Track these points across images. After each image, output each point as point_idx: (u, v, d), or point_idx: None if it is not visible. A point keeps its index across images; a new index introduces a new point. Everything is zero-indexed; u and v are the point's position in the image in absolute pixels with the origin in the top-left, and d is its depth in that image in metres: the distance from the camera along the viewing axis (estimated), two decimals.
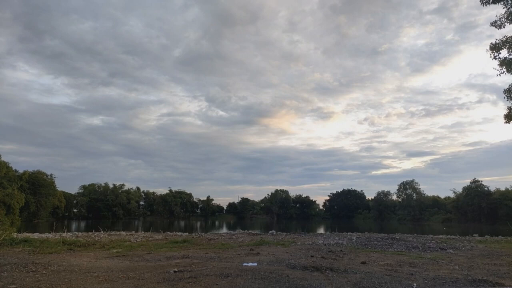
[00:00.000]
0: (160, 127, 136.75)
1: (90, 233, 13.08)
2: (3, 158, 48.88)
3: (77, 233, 14.05)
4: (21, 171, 57.40)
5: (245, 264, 5.17)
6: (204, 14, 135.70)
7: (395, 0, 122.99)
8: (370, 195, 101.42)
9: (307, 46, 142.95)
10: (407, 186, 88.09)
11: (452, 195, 77.83)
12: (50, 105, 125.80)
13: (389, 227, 39.11)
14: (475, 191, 70.23)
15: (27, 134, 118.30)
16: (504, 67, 12.86)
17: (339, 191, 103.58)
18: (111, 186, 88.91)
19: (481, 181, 72.59)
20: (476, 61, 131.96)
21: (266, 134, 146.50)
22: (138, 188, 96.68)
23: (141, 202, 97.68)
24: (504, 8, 12.74)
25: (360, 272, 4.63)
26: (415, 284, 3.88)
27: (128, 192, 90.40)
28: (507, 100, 13.43)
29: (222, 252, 6.91)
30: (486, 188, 71.11)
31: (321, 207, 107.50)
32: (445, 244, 8.75)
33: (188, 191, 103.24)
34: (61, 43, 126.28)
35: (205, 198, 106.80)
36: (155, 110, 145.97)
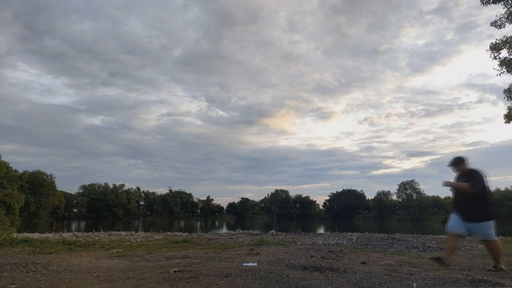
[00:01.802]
0: (160, 127, 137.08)
1: (90, 233, 13.07)
2: (3, 158, 49.00)
3: (77, 233, 14.04)
4: (21, 171, 57.54)
5: (245, 264, 5.17)
6: (204, 14, 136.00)
7: (395, 0, 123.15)
8: (370, 195, 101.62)
9: (307, 46, 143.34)
10: (407, 186, 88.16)
11: (452, 195, 77.62)
12: (50, 105, 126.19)
13: (389, 227, 39.12)
14: None
15: (27, 134, 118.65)
16: (504, 67, 12.86)
17: (339, 191, 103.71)
18: (111, 186, 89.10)
19: None
20: (476, 61, 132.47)
21: (266, 134, 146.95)
22: (138, 188, 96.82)
23: (141, 202, 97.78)
24: (504, 8, 12.73)
25: (360, 272, 4.63)
26: (415, 284, 3.88)
27: (128, 192, 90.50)
28: (507, 100, 13.43)
29: (222, 252, 6.90)
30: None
31: (321, 207, 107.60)
32: (445, 244, 8.74)
33: (188, 191, 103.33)
34: (61, 43, 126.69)
35: (205, 198, 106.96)
36: (155, 110, 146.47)
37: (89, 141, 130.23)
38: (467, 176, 5.23)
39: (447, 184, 5.37)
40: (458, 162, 5.40)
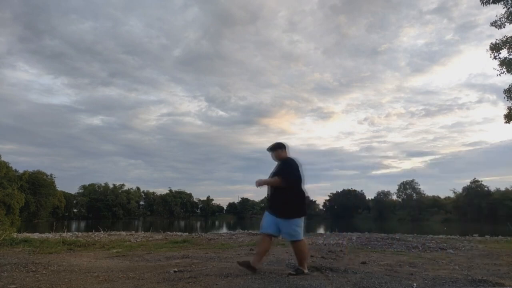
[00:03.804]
0: (160, 127, 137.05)
1: (90, 233, 13.06)
2: (3, 158, 49.07)
3: (77, 233, 14.03)
4: (21, 171, 57.62)
5: None
6: (204, 14, 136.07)
7: (395, 0, 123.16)
8: (370, 195, 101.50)
9: (307, 46, 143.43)
10: (407, 186, 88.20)
11: (452, 195, 77.75)
12: (50, 105, 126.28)
13: (389, 227, 39.05)
14: (475, 191, 70.28)
15: (27, 134, 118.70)
16: (504, 67, 12.85)
17: (339, 191, 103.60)
18: (111, 186, 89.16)
19: (481, 181, 72.62)
20: (476, 61, 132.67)
21: (266, 134, 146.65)
22: (138, 188, 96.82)
23: (141, 202, 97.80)
24: (504, 8, 12.72)
25: (360, 272, 4.63)
26: (415, 284, 3.88)
27: (128, 192, 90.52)
28: (507, 100, 13.42)
29: (222, 252, 6.90)
30: (486, 188, 71.11)
31: (321, 207, 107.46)
32: (445, 244, 8.75)
33: (188, 191, 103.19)
34: (61, 43, 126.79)
35: (205, 198, 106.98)
36: (155, 110, 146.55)
37: (89, 141, 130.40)
38: (280, 166, 4.65)
39: (259, 183, 4.51)
40: (275, 148, 4.81)
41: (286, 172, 4.50)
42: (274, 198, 4.57)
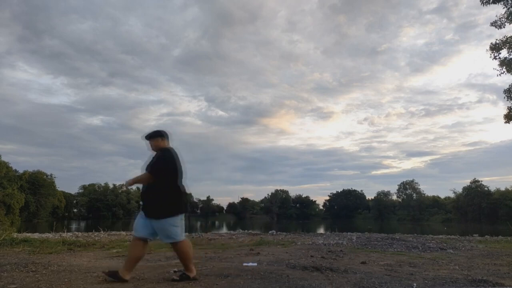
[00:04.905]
0: (159, 127, 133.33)
1: (90, 233, 13.07)
2: (3, 158, 49.05)
3: (77, 233, 14.02)
4: (21, 171, 57.60)
5: (245, 264, 5.16)
6: (204, 13, 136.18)
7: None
8: (370, 195, 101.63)
9: (307, 46, 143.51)
10: (407, 186, 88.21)
11: (452, 195, 77.77)
12: (49, 105, 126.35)
13: (389, 227, 39.05)
14: (475, 191, 70.27)
15: (27, 134, 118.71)
16: (504, 67, 12.88)
17: (339, 191, 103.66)
18: (111, 186, 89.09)
19: (481, 181, 72.64)
20: (476, 61, 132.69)
21: (266, 134, 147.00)
22: (138, 188, 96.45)
23: (141, 202, 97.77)
24: (504, 8, 12.75)
25: (360, 272, 4.63)
26: (415, 284, 3.88)
27: (128, 192, 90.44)
28: (507, 100, 13.45)
29: (222, 252, 6.90)
30: (486, 188, 71.10)
31: (321, 207, 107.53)
32: (445, 244, 8.75)
33: (188, 191, 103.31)
34: (61, 42, 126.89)
35: (205, 198, 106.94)
36: (154, 110, 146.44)
37: (88, 141, 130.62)
38: (153, 158, 4.11)
39: (128, 183, 4.11)
40: (153, 137, 4.17)
41: (158, 163, 3.97)
42: (145, 196, 4.07)
